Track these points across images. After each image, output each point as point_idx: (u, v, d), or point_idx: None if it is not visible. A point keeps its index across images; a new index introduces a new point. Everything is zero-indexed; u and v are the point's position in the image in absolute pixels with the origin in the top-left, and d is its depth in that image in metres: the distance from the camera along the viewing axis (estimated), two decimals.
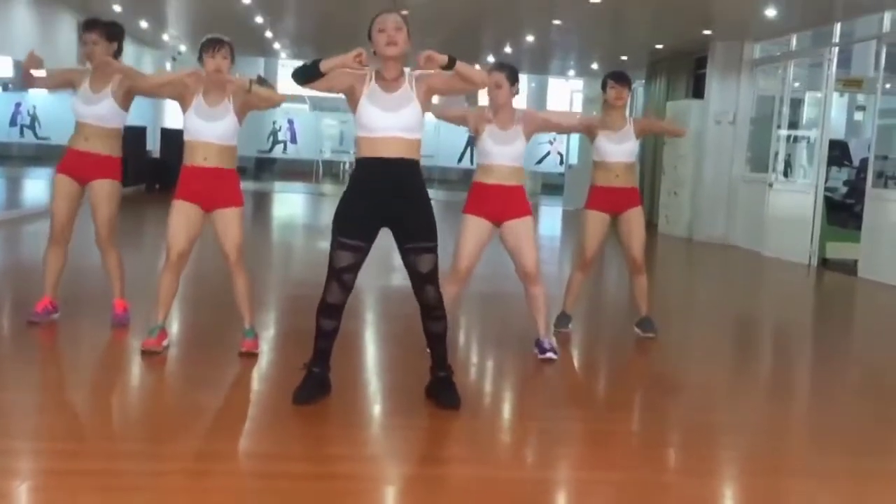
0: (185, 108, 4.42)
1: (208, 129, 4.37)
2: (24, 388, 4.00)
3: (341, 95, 3.82)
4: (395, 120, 3.69)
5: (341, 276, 3.71)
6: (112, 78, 4.78)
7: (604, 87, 5.37)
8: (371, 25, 3.77)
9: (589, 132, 5.38)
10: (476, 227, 4.63)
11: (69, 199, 4.84)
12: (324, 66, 3.61)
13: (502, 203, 4.62)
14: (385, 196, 3.70)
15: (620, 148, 5.29)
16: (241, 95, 4.41)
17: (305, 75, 3.67)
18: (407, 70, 3.81)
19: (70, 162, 4.83)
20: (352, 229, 3.72)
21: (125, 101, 4.84)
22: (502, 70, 4.65)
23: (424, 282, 3.77)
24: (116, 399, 3.99)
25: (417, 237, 3.75)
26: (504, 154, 4.61)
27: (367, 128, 3.72)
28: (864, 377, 5.22)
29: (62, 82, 4.99)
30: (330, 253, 3.72)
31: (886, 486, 3.41)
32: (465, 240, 4.63)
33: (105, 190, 4.85)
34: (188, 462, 3.16)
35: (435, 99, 4.02)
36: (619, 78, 5.33)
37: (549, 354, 4.70)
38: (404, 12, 3.84)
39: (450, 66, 3.64)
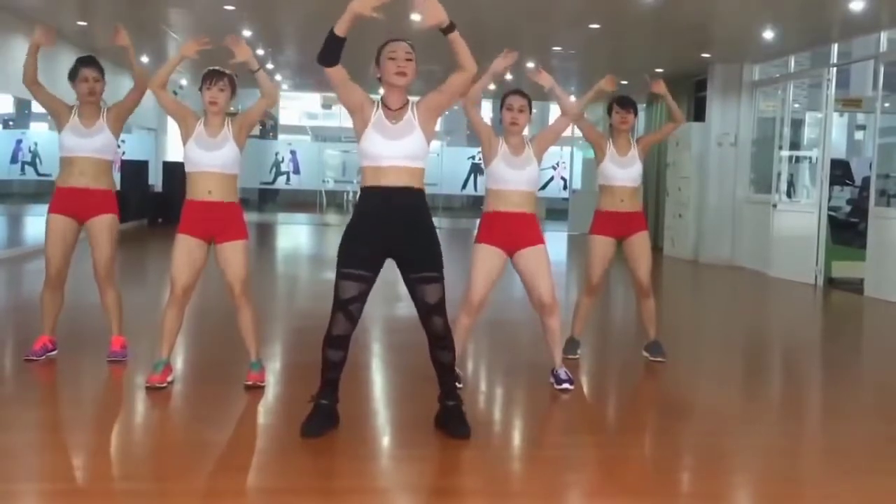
0: (185, 133, 4.42)
1: (210, 158, 4.37)
2: (25, 428, 3.96)
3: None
4: (399, 148, 3.68)
5: (347, 308, 3.68)
6: (101, 111, 4.83)
7: (609, 111, 5.40)
8: (381, 49, 3.76)
9: (595, 139, 5.36)
10: (489, 258, 4.56)
11: (65, 240, 4.81)
12: (337, 27, 3.54)
13: (515, 231, 4.56)
14: (390, 226, 3.69)
15: (626, 172, 5.30)
16: (240, 118, 4.46)
17: (326, 48, 3.57)
18: (411, 99, 3.81)
19: (65, 200, 4.78)
20: (357, 260, 3.69)
21: (117, 129, 4.90)
22: (525, 96, 4.62)
23: (431, 312, 3.74)
24: (120, 437, 3.96)
25: (423, 267, 3.73)
26: (517, 179, 4.55)
27: (371, 157, 3.71)
28: (875, 397, 5.18)
29: (51, 106, 4.86)
30: (335, 284, 3.70)
31: None
32: (477, 271, 4.56)
33: (105, 226, 4.85)
34: (195, 500, 3.12)
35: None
36: (623, 102, 5.35)
37: (566, 385, 4.68)
38: (406, 41, 3.84)
39: (448, 29, 3.61)
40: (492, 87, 18.63)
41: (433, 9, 3.55)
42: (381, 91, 3.82)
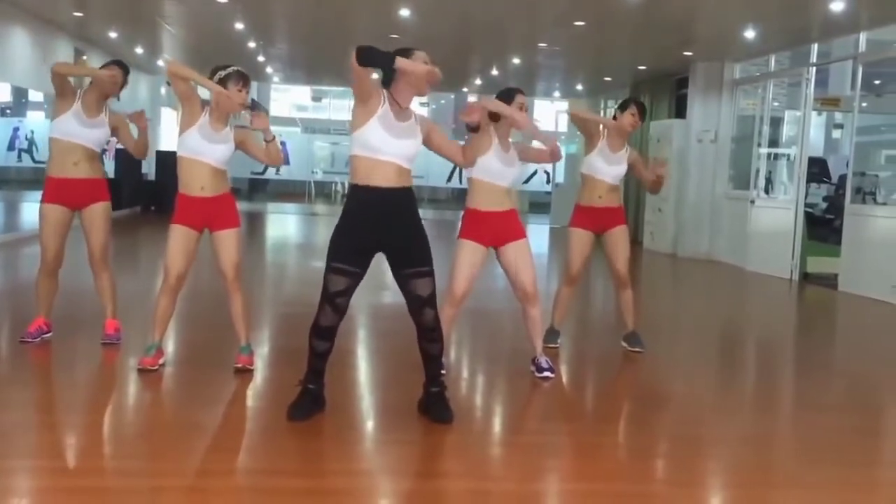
0: (189, 119, 4.41)
1: (209, 150, 4.44)
2: (21, 407, 4.04)
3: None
4: (400, 148, 3.74)
5: (335, 301, 3.75)
6: (105, 107, 4.92)
7: (622, 108, 5.46)
8: (407, 54, 3.76)
9: (590, 133, 5.41)
10: (472, 253, 4.67)
11: (60, 228, 4.89)
12: (399, 62, 3.61)
13: (498, 228, 4.68)
14: (381, 224, 3.75)
15: (611, 169, 5.41)
16: (244, 135, 4.54)
17: (375, 62, 3.61)
18: (413, 111, 3.88)
19: (60, 191, 4.85)
20: (347, 255, 3.76)
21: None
22: (525, 94, 4.71)
23: (423, 305, 3.82)
24: (112, 417, 4.04)
25: (415, 262, 3.81)
26: (506, 175, 4.67)
27: (371, 148, 3.72)
28: (846, 390, 5.30)
29: (62, 86, 4.81)
30: (324, 277, 3.77)
31: (870, 495, 3.49)
32: (461, 265, 4.67)
33: (100, 213, 4.95)
34: (184, 479, 3.21)
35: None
36: (642, 108, 5.45)
37: (547, 373, 4.80)
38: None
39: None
40: (478, 81, 18.49)
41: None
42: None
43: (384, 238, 3.78)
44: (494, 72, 14.61)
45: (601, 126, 5.50)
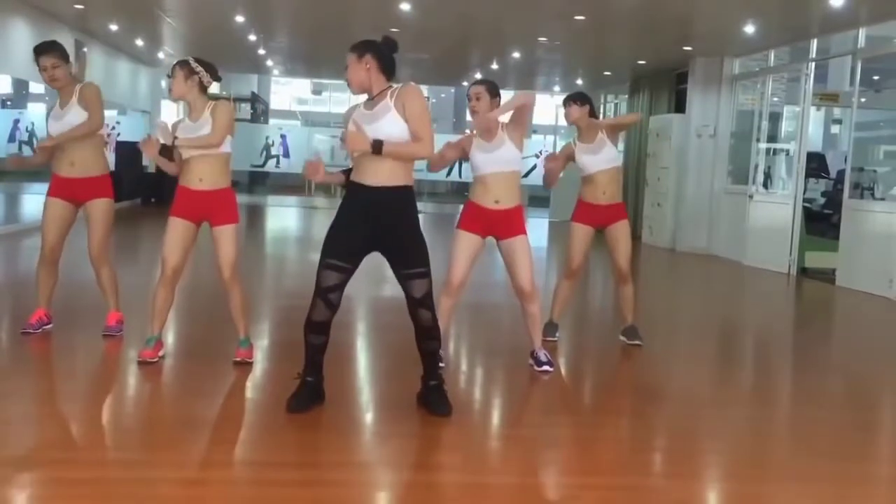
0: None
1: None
2: (21, 398, 4.06)
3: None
4: (372, 132, 3.73)
5: (327, 296, 3.78)
6: (74, 91, 4.84)
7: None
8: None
9: (568, 158, 5.51)
10: (468, 243, 4.70)
11: (61, 221, 4.92)
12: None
13: (494, 223, 4.69)
14: (372, 225, 3.77)
15: (599, 157, 5.42)
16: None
17: None
18: (396, 86, 3.86)
19: (62, 188, 4.89)
20: (340, 252, 3.78)
21: (92, 109, 4.83)
22: (483, 84, 4.75)
23: (418, 305, 3.84)
24: (112, 409, 4.07)
25: (410, 264, 3.82)
26: (492, 161, 4.67)
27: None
28: (843, 385, 5.32)
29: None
30: (317, 272, 3.79)
31: (866, 489, 3.51)
32: (457, 255, 4.69)
33: (100, 210, 4.96)
34: (183, 470, 3.23)
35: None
36: (565, 100, 5.52)
37: (546, 367, 4.82)
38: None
39: (376, 150, 3.70)
40: (477, 75, 18.48)
41: (356, 142, 3.70)
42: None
43: (377, 237, 3.79)
44: (494, 66, 14.60)
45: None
